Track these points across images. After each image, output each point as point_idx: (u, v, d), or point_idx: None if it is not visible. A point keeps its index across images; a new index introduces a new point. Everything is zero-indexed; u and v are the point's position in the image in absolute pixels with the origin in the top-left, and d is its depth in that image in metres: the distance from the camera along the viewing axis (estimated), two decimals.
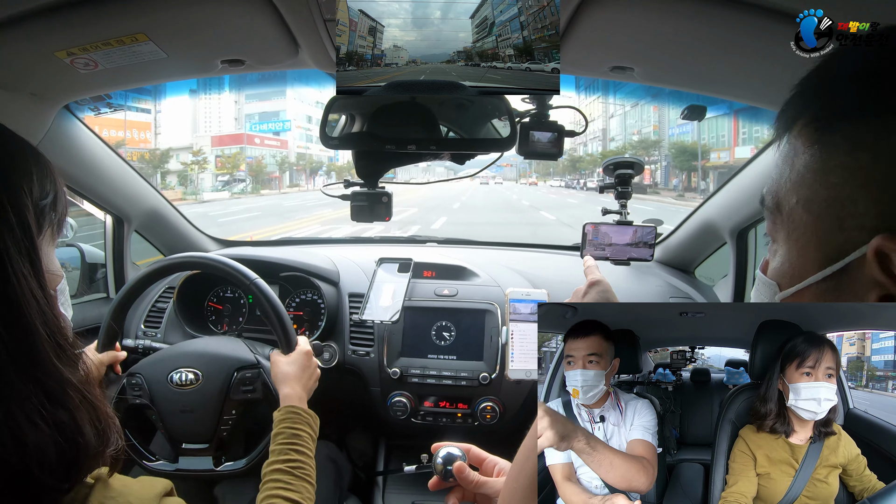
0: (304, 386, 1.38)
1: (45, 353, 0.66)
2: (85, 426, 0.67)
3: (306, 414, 1.30)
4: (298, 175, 62.92)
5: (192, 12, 1.14)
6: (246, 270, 1.51)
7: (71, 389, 0.68)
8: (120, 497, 0.70)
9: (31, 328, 0.65)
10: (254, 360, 1.49)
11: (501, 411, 1.88)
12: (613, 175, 1.84)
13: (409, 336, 2.00)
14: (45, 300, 0.69)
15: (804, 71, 0.58)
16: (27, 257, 0.67)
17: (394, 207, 1.45)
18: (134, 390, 1.47)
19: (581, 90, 46.36)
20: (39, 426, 0.63)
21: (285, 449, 1.21)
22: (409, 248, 2.52)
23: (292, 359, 1.42)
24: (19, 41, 1.18)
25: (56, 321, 0.69)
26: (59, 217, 0.79)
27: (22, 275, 0.66)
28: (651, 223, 1.87)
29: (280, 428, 1.25)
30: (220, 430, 1.45)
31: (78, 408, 0.68)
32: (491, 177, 57.11)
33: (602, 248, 1.87)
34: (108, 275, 2.27)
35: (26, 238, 0.68)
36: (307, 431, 1.27)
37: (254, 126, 63.66)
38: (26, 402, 0.63)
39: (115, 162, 2.01)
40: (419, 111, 1.26)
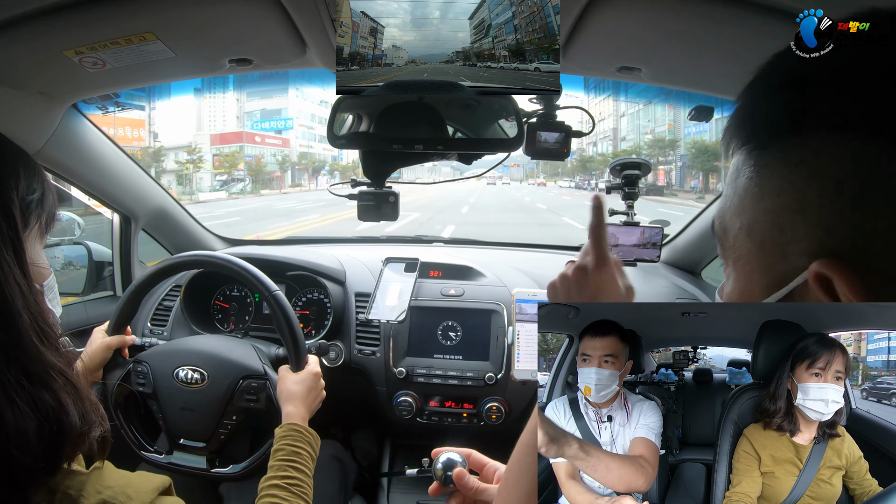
0: (307, 406, 1.39)
1: (27, 335, 0.68)
2: (69, 406, 0.69)
3: (308, 433, 1.30)
4: (301, 174, 62.31)
5: (201, 12, 1.14)
6: (268, 281, 1.51)
7: (54, 372, 0.70)
8: (117, 488, 0.70)
9: (12, 311, 0.68)
10: (262, 371, 1.49)
11: (507, 411, 1.88)
12: (620, 176, 1.84)
13: (415, 336, 2.00)
14: (28, 287, 0.71)
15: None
16: (10, 246, 0.71)
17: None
18: (139, 377, 1.48)
19: (591, 90, 45.74)
20: (19, 406, 0.64)
21: (284, 466, 1.21)
22: (416, 248, 2.52)
23: (300, 378, 1.42)
24: (28, 40, 1.18)
25: (38, 307, 0.72)
26: (48, 214, 0.83)
27: (4, 261, 0.69)
28: (658, 224, 1.87)
29: (281, 444, 1.26)
30: (219, 432, 1.45)
31: (62, 389, 0.69)
32: (498, 177, 56.00)
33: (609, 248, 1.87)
34: (115, 273, 2.28)
35: (10, 229, 0.72)
36: (307, 451, 1.27)
37: (255, 124, 63.00)
38: (6, 383, 0.64)
39: (123, 160, 2.02)
40: (426, 111, 1.26)
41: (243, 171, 54.10)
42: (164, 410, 1.46)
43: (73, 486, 0.68)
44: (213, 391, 1.45)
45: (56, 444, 0.67)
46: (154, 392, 1.47)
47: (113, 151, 1.96)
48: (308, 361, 1.47)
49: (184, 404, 1.45)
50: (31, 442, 0.64)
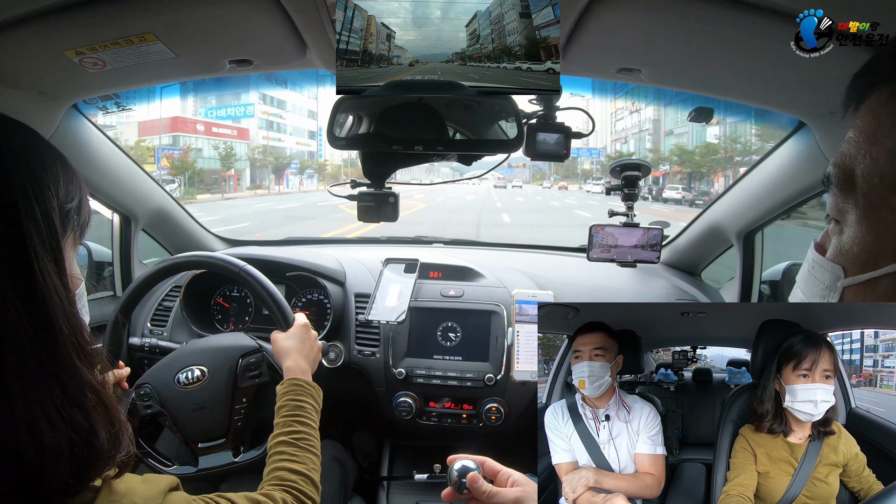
0: (305, 357, 1.39)
1: (66, 351, 0.67)
2: (99, 428, 0.68)
3: (309, 386, 1.31)
4: (263, 173, 47.53)
5: (201, 12, 1.14)
6: (233, 260, 1.54)
7: (88, 390, 0.68)
8: (125, 499, 0.70)
9: (55, 326, 0.66)
10: (255, 345, 1.51)
11: (507, 412, 1.88)
12: (620, 177, 1.84)
13: (415, 337, 2.00)
14: (68, 300, 0.69)
15: (808, 72, 0.56)
16: (52, 256, 0.68)
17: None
18: (144, 400, 1.47)
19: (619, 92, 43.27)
20: (56, 424, 0.63)
21: (289, 421, 1.21)
22: (416, 249, 2.53)
23: (291, 333, 1.44)
24: (28, 40, 1.18)
25: (77, 320, 0.70)
26: (82, 223, 0.81)
27: (47, 272, 0.66)
28: (658, 225, 1.87)
29: (284, 400, 1.26)
30: (234, 420, 1.46)
31: (94, 409, 0.68)
32: (503, 178, 50.26)
33: (608, 249, 1.87)
34: (115, 273, 2.28)
35: (52, 237, 0.69)
36: (311, 403, 1.27)
37: (210, 112, 45.25)
38: (46, 400, 0.63)
39: (123, 161, 2.02)
40: (426, 112, 1.26)
41: (166, 169, 35.65)
42: (176, 419, 1.46)
43: (83, 500, 0.68)
44: (217, 382, 1.46)
45: (85, 466, 0.66)
46: (162, 405, 1.47)
47: (113, 152, 1.96)
48: (294, 318, 1.49)
49: (193, 405, 1.45)
50: (65, 460, 0.63)
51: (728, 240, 2.12)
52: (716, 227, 2.14)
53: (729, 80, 1.35)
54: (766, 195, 1.85)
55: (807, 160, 1.61)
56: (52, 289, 0.67)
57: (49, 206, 0.70)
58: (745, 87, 1.36)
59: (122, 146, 2.01)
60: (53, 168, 0.76)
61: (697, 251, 2.34)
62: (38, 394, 0.63)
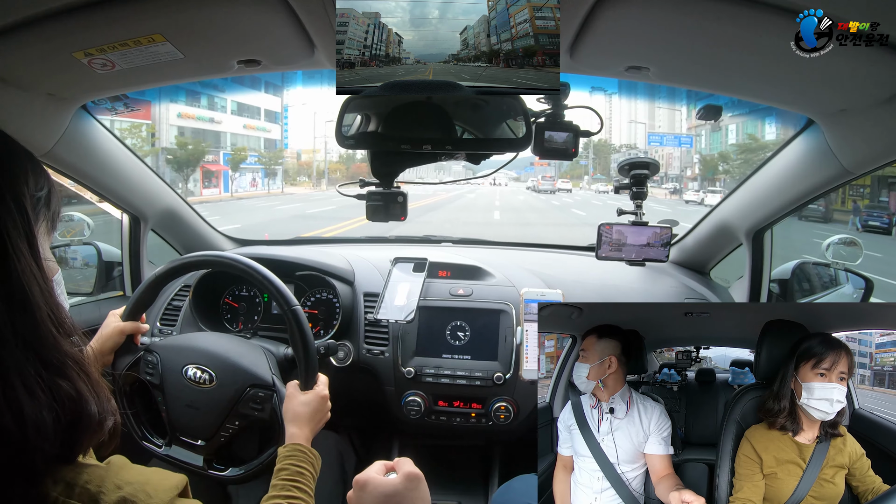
0: (312, 429, 1.38)
1: (45, 325, 0.69)
2: (86, 396, 0.70)
3: (311, 454, 1.30)
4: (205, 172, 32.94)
5: (209, 13, 1.14)
6: (289, 295, 1.47)
7: (70, 361, 0.71)
8: (136, 485, 0.70)
9: (31, 301, 0.68)
10: (270, 382, 1.47)
11: (515, 411, 1.87)
12: (629, 175, 1.84)
13: (424, 335, 2.00)
14: (43, 278, 0.72)
15: (816, 69, 0.56)
16: (25, 238, 0.71)
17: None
18: (148, 367, 1.49)
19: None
20: (37, 396, 0.65)
21: (287, 485, 1.21)
22: (425, 248, 2.52)
23: (308, 399, 1.39)
24: (37, 42, 1.19)
25: (54, 298, 0.73)
26: (53, 213, 0.83)
27: (21, 252, 0.69)
28: (667, 224, 1.87)
29: (284, 464, 1.26)
30: (219, 434, 1.45)
31: (78, 379, 0.70)
32: (551, 177, 41.85)
33: (617, 248, 1.86)
34: (125, 273, 2.29)
35: (23, 221, 0.72)
36: (310, 471, 1.27)
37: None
38: (25, 373, 0.65)
39: (132, 161, 2.03)
40: (434, 111, 1.26)
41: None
42: (168, 404, 1.47)
43: (91, 480, 0.68)
44: (220, 394, 1.45)
45: (74, 435, 0.68)
46: (161, 384, 1.47)
47: (122, 152, 1.97)
48: (318, 381, 1.45)
49: (189, 402, 1.45)
50: (49, 433, 0.64)
51: (737, 238, 2.11)
52: (725, 225, 2.13)
53: (737, 78, 1.34)
54: (775, 193, 1.84)
55: (816, 158, 1.60)
56: (27, 268, 0.69)
57: (19, 192, 0.74)
58: (753, 84, 1.35)
59: (130, 146, 2.01)
60: (20, 159, 0.79)
61: (706, 250, 2.32)
62: (17, 367, 0.65)
